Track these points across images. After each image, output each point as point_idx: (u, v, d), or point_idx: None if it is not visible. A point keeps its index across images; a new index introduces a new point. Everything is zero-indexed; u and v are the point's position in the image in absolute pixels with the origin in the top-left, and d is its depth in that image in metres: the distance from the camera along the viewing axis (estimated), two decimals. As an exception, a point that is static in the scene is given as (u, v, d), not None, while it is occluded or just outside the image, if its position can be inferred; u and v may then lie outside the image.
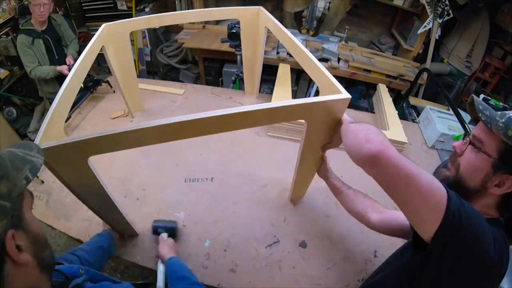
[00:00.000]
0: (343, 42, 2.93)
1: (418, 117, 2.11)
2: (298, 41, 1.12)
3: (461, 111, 1.66)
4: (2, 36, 2.52)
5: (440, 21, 2.56)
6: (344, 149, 0.69)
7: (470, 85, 2.94)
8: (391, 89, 2.54)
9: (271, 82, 2.24)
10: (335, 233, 1.25)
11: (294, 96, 2.54)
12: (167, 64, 3.42)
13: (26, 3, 2.50)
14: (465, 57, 2.78)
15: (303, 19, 2.86)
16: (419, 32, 2.65)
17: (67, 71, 1.93)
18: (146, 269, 1.12)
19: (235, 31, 1.99)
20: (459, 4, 2.49)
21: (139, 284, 0.77)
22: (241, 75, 2.35)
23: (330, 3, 2.71)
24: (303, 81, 2.96)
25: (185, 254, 1.15)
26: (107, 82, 2.06)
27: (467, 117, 1.63)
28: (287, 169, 1.19)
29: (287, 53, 2.62)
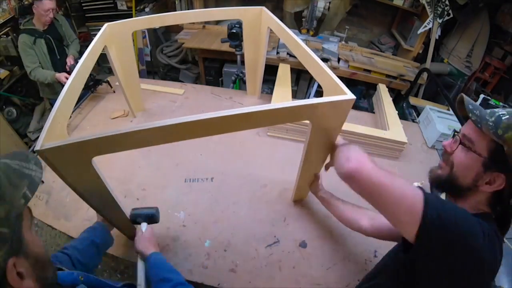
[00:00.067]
0: (343, 42, 2.94)
1: (418, 117, 2.11)
2: (300, 41, 1.11)
3: (461, 111, 1.66)
4: (2, 36, 2.52)
5: (440, 21, 2.56)
6: None
7: (470, 85, 2.94)
8: (391, 89, 2.54)
9: (271, 82, 2.24)
10: (335, 233, 1.25)
11: (294, 96, 2.54)
12: (167, 64, 3.43)
13: (26, 3, 2.51)
14: (465, 57, 2.78)
15: (303, 19, 2.86)
16: (419, 32, 2.66)
17: (66, 80, 1.92)
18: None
19: (235, 31, 1.99)
20: (459, 4, 2.49)
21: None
22: (241, 75, 2.36)
23: (330, 3, 2.71)
24: (303, 81, 2.96)
25: (185, 254, 1.15)
26: (107, 82, 2.06)
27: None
28: (287, 169, 1.19)
29: (287, 53, 2.62)
